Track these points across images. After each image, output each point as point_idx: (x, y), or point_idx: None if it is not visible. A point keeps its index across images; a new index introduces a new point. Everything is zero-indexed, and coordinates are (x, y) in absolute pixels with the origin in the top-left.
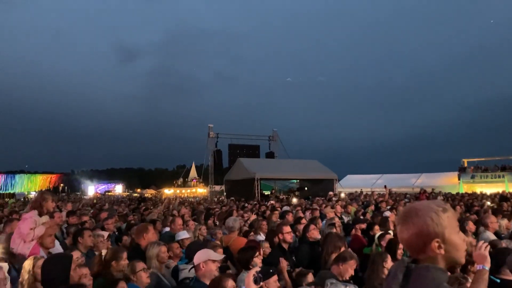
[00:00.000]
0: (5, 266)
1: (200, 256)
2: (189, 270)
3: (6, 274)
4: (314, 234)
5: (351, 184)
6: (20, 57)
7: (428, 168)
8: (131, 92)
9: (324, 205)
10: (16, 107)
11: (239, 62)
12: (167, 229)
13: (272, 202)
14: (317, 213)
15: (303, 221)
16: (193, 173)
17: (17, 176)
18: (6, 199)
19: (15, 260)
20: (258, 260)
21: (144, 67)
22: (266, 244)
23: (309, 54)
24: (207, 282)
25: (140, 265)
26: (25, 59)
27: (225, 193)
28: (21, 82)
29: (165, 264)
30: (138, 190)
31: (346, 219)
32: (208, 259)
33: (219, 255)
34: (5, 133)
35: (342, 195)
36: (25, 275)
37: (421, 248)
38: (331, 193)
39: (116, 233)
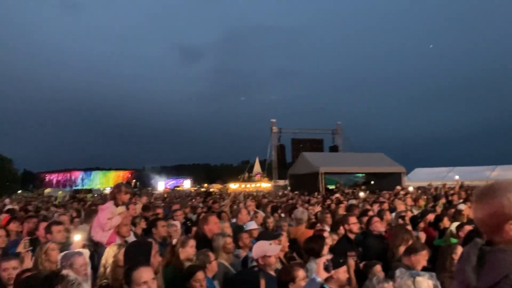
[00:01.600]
0: (86, 252)
1: (257, 251)
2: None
3: (88, 260)
4: (377, 226)
5: (419, 177)
6: (89, 61)
7: (504, 159)
8: (195, 91)
9: (392, 199)
10: (92, 110)
11: (299, 57)
12: (234, 220)
13: (337, 195)
14: (385, 206)
15: (370, 213)
16: (257, 168)
17: (93, 173)
18: (85, 194)
19: (95, 248)
20: (326, 249)
21: (206, 67)
22: (335, 236)
23: (371, 47)
24: (270, 272)
25: (212, 256)
26: (95, 63)
27: (289, 188)
28: (95, 86)
29: (234, 254)
30: (205, 185)
31: (415, 212)
32: (264, 255)
33: (274, 249)
34: (82, 133)
35: (411, 188)
36: (109, 260)
37: (496, 230)
38: (398, 187)
39: (189, 223)
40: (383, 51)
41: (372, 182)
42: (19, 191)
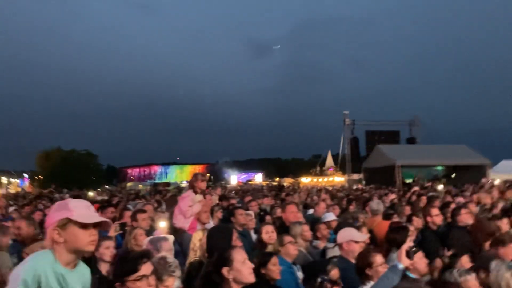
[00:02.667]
0: (171, 237)
1: (343, 235)
2: (333, 247)
3: (172, 245)
4: (465, 218)
5: (507, 170)
6: (165, 58)
7: None
8: (265, 85)
9: (476, 192)
10: (169, 107)
11: (370, 46)
12: (311, 211)
13: (416, 188)
14: (474, 198)
15: (452, 205)
16: (329, 161)
17: (171, 167)
18: (163, 187)
19: (177, 234)
20: (410, 239)
21: (276, 60)
22: (412, 227)
23: (446, 34)
24: (351, 260)
25: (288, 238)
26: (170, 60)
27: (363, 181)
28: (172, 84)
29: (313, 245)
30: (277, 179)
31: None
32: (351, 240)
33: (362, 236)
34: (160, 129)
35: (497, 181)
36: (196, 243)
37: None
38: (484, 179)
39: (262, 213)
40: (459, 37)
41: (453, 176)
42: (105, 186)
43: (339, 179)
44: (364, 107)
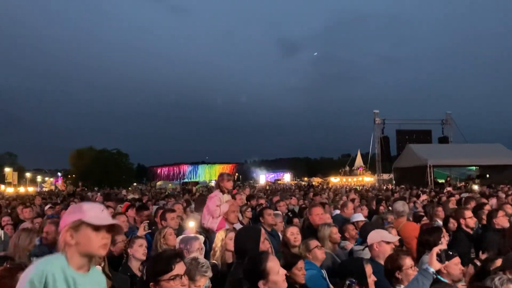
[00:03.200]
0: (202, 237)
1: (374, 236)
2: (363, 249)
3: (202, 245)
4: (502, 221)
5: None
6: (196, 60)
7: None
8: (295, 84)
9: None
10: (197, 107)
11: (401, 43)
12: (337, 211)
13: (449, 189)
14: (505, 200)
15: (487, 207)
16: (359, 161)
17: (200, 166)
18: (192, 186)
19: (207, 234)
20: (444, 241)
21: (306, 59)
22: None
23: (478, 30)
24: (381, 262)
25: (314, 242)
26: (201, 61)
27: (394, 181)
28: (201, 85)
29: (341, 246)
30: (305, 178)
31: None
32: (382, 240)
33: (393, 237)
34: (189, 129)
35: None
36: (218, 243)
37: None
38: None
39: (290, 214)
40: (495, 33)
41: (488, 175)
42: (134, 184)
43: (368, 179)
44: (395, 106)
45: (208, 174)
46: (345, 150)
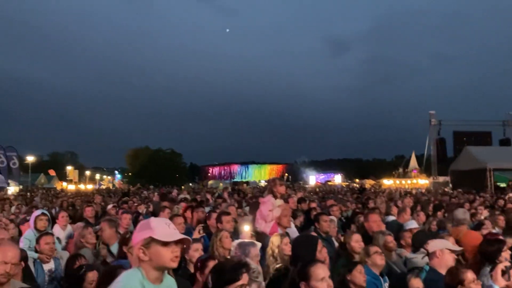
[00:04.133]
0: (259, 244)
1: (437, 244)
2: (422, 258)
3: (258, 252)
4: None
5: None
6: (244, 61)
7: None
8: (345, 83)
9: None
10: (248, 108)
11: (457, 40)
12: (391, 217)
13: (511, 195)
14: None
15: None
16: (413, 163)
17: (250, 167)
18: (243, 186)
19: (259, 239)
20: (506, 254)
21: (356, 58)
22: (510, 240)
23: None
24: (442, 272)
25: (374, 248)
26: (249, 62)
27: (450, 185)
28: (250, 85)
29: (397, 253)
30: (357, 180)
31: None
32: (445, 248)
33: (457, 246)
34: (239, 130)
35: None
36: (275, 249)
37: None
38: None
39: (344, 219)
40: None
41: None
42: (190, 184)
43: (423, 182)
44: (452, 106)
45: (258, 174)
46: (399, 151)
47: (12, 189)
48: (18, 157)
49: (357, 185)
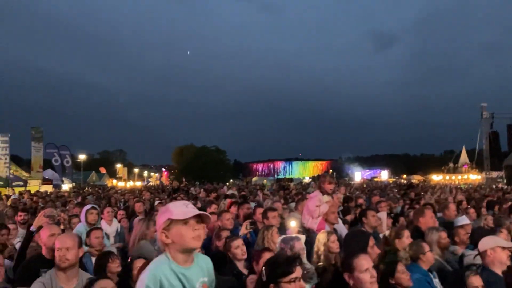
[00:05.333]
0: (303, 237)
1: (487, 242)
2: (474, 257)
3: (303, 245)
4: None
5: None
6: (286, 56)
7: None
8: (391, 78)
9: None
10: (290, 104)
11: (509, 31)
12: (439, 214)
13: None
14: None
15: None
16: (464, 158)
17: (294, 163)
18: (287, 183)
19: (307, 234)
20: None
21: (401, 51)
22: None
23: None
24: (497, 271)
25: (426, 246)
26: (291, 59)
27: (505, 180)
28: (293, 82)
29: (451, 250)
30: (404, 176)
31: None
32: (496, 246)
33: (509, 243)
34: (283, 126)
35: None
36: (320, 247)
37: None
38: None
39: (392, 215)
40: None
41: None
42: (231, 180)
43: (474, 177)
44: (505, 99)
45: (302, 170)
46: (448, 146)
47: (66, 186)
48: (71, 155)
49: (405, 181)
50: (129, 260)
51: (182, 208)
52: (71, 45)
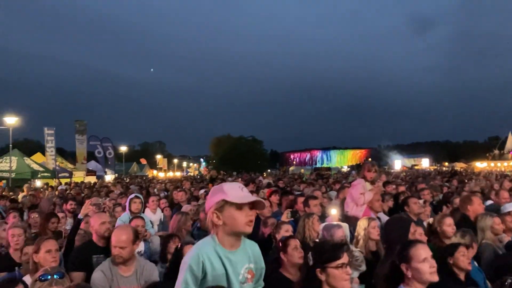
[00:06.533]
0: (345, 225)
1: None
2: None
3: (347, 233)
4: None
5: None
6: (322, 45)
7: None
8: (431, 63)
9: None
10: (327, 92)
11: None
12: (488, 201)
13: None
14: None
15: None
16: (510, 144)
17: (331, 152)
18: (325, 172)
19: (349, 222)
20: None
21: (442, 35)
22: None
23: None
24: None
25: (471, 234)
26: (328, 46)
27: None
28: (330, 70)
29: (498, 238)
30: (446, 163)
31: None
32: None
33: None
34: (320, 114)
35: None
36: (361, 232)
37: None
38: None
39: (434, 202)
40: None
41: None
42: (268, 170)
43: None
44: None
45: (339, 159)
46: (493, 132)
47: (109, 177)
48: (113, 147)
49: (447, 169)
50: (179, 246)
51: (238, 191)
52: (112, 42)
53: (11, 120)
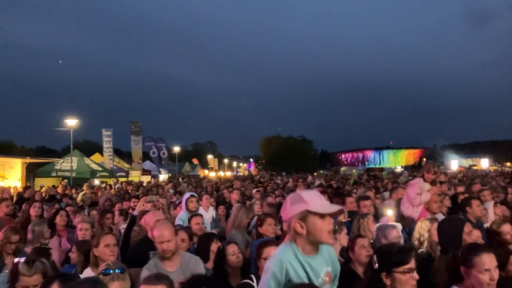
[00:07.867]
0: (399, 226)
1: None
2: None
3: (400, 233)
4: None
5: None
6: (375, 43)
7: None
8: (490, 58)
9: None
10: (381, 93)
11: None
12: None
13: None
14: None
15: None
16: None
17: (384, 152)
18: (378, 172)
19: (404, 222)
20: None
21: (500, 29)
22: None
23: None
24: None
25: None
26: (381, 44)
27: None
28: (382, 69)
29: None
30: (508, 164)
31: None
32: None
33: None
34: (372, 114)
35: None
36: (424, 233)
37: None
38: None
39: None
40: None
41: None
42: (320, 171)
43: None
44: None
45: (393, 159)
46: None
47: (163, 176)
48: (167, 147)
49: (509, 169)
50: (221, 247)
51: (319, 201)
52: (166, 47)
53: (72, 122)
